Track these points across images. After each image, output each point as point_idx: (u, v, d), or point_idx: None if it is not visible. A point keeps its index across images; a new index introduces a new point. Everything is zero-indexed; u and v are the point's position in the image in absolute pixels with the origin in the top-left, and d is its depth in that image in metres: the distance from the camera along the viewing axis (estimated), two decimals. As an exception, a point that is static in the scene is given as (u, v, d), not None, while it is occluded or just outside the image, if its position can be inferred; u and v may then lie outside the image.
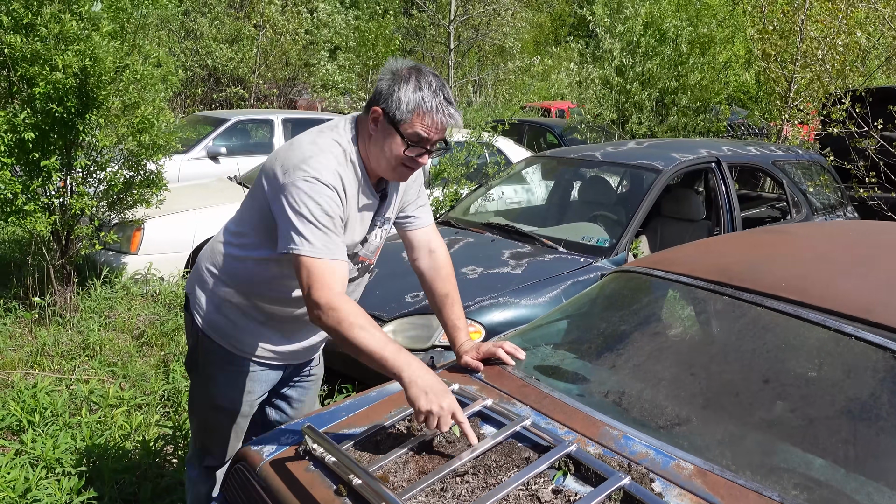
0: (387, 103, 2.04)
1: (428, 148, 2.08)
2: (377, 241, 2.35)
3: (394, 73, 2.06)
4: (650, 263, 2.59)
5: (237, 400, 2.44)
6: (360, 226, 2.21)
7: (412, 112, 2.01)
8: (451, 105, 2.05)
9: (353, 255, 2.24)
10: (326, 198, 2.03)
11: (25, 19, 4.83)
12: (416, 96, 2.01)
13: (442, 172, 6.51)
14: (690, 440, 1.79)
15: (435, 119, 2.03)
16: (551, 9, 33.25)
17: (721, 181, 5.22)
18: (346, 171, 2.10)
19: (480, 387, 2.23)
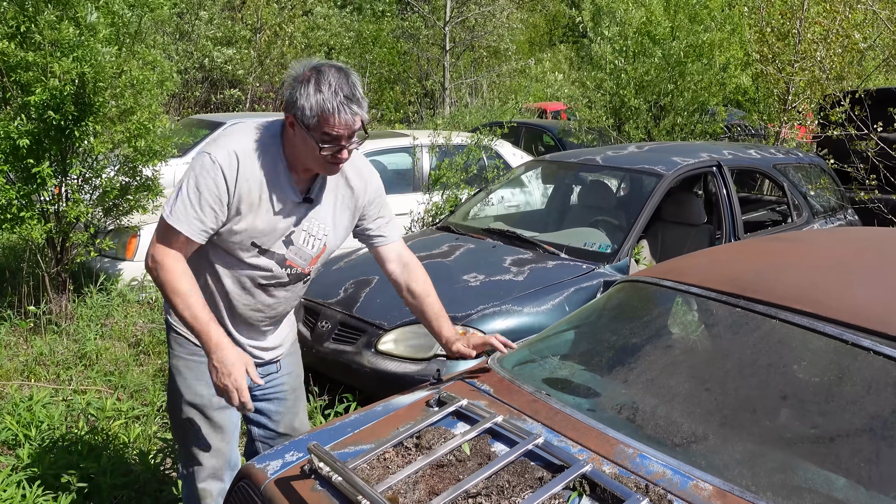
0: (294, 110, 2.07)
1: (343, 144, 2.10)
2: (310, 249, 2.34)
3: (294, 78, 2.08)
4: (659, 273, 2.54)
5: (204, 393, 2.41)
6: (274, 218, 2.22)
7: (316, 116, 2.04)
8: (352, 101, 2.05)
9: (273, 254, 2.27)
10: (205, 173, 2.12)
11: (22, 26, 4.77)
12: (317, 100, 2.03)
13: (441, 177, 6.46)
14: (708, 459, 1.74)
15: (339, 119, 2.04)
16: (546, 10, 33.22)
17: (722, 185, 5.18)
18: (254, 155, 2.16)
19: (489, 402, 2.18)
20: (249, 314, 2.40)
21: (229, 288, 2.32)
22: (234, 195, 2.14)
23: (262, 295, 2.36)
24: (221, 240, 2.23)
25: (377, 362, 3.86)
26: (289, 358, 2.65)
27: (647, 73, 9.17)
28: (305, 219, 2.29)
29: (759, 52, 8.23)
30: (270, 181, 2.19)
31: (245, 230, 2.20)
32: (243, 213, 2.18)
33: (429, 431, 2.07)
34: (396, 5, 23.45)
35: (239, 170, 2.12)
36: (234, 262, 2.28)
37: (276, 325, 2.52)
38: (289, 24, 16.65)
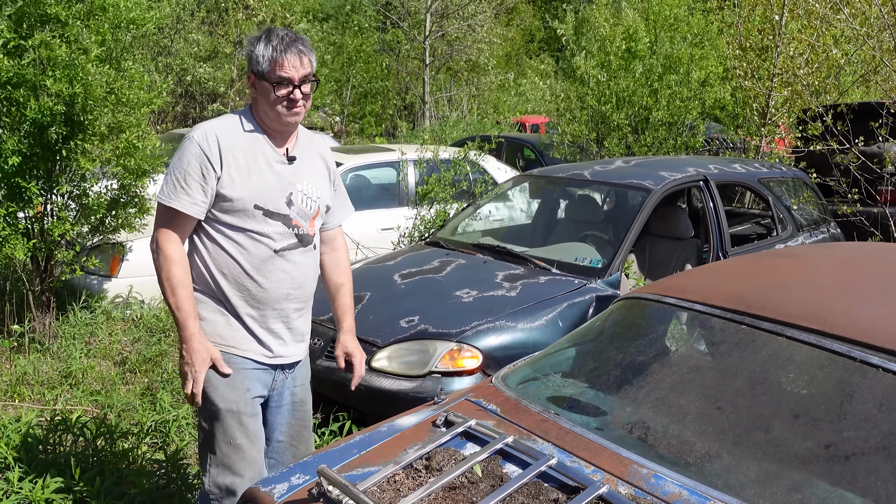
0: (251, 65, 2.38)
1: (296, 84, 2.35)
2: (308, 209, 2.50)
3: (249, 40, 2.42)
4: (661, 290, 2.55)
5: (239, 399, 2.46)
6: (269, 177, 2.41)
7: (270, 61, 2.33)
8: (298, 41, 2.36)
9: (278, 215, 2.41)
10: (188, 153, 2.34)
11: (13, 42, 4.71)
12: (267, 49, 2.34)
13: (429, 192, 6.45)
14: (724, 479, 1.74)
15: (288, 58, 2.33)
16: (522, 23, 33.47)
17: (710, 199, 5.22)
18: (232, 129, 2.40)
19: (497, 422, 2.17)
20: (279, 290, 2.45)
21: (254, 264, 2.40)
22: (220, 166, 2.34)
23: (285, 263, 2.44)
24: (228, 214, 2.37)
25: (371, 379, 3.83)
26: (302, 369, 2.70)
27: (627, 87, 9.25)
28: (298, 180, 2.48)
29: (739, 67, 8.33)
30: (252, 146, 2.41)
31: (243, 194, 2.36)
32: (236, 179, 2.35)
33: (438, 452, 2.05)
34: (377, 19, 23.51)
35: (219, 143, 2.35)
36: (247, 234, 2.39)
37: (305, 310, 2.59)
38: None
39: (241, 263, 2.40)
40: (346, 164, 7.19)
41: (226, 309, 2.45)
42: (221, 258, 2.41)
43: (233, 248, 2.40)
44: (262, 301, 2.44)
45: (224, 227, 2.40)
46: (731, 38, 8.96)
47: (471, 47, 22.11)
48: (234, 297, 2.43)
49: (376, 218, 7.00)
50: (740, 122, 9.92)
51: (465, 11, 21.82)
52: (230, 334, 2.45)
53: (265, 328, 2.48)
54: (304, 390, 2.73)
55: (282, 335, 2.52)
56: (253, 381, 2.49)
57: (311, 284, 2.57)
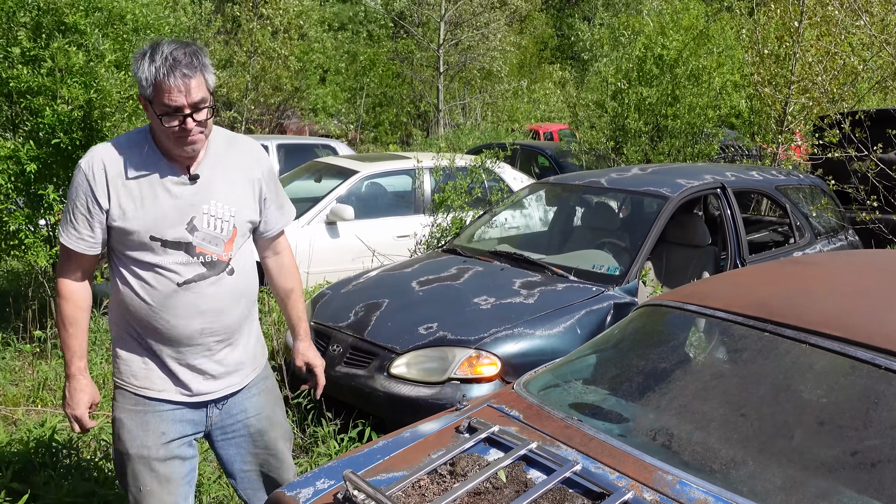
0: (139, 88, 2.10)
1: (186, 113, 2.07)
2: (219, 232, 2.24)
3: (135, 56, 2.09)
4: (682, 297, 2.56)
5: (150, 444, 2.28)
6: (166, 203, 2.16)
7: (152, 86, 2.04)
8: (181, 65, 2.03)
9: (180, 243, 2.18)
10: (75, 183, 2.17)
11: (32, 52, 4.79)
12: (150, 69, 2.03)
13: (446, 200, 6.48)
14: (750, 485, 1.75)
15: (170, 84, 2.03)
16: (535, 32, 33.53)
17: (727, 206, 5.22)
18: (124, 152, 2.17)
19: (520, 428, 2.18)
20: (189, 327, 2.23)
21: (157, 300, 2.18)
22: (107, 199, 2.14)
23: (192, 297, 2.20)
24: (127, 246, 2.17)
25: (390, 386, 3.85)
26: (254, 399, 2.46)
27: (648, 96, 9.25)
28: (203, 200, 2.21)
29: (757, 74, 8.32)
30: (145, 168, 2.17)
31: (139, 226, 2.14)
32: (127, 210, 2.14)
33: (462, 458, 2.06)
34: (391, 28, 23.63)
35: (106, 172, 2.13)
36: (148, 268, 2.18)
37: (229, 342, 2.34)
38: (282, 46, 16.72)
39: (145, 300, 2.18)
40: (362, 172, 7.23)
41: (141, 347, 2.25)
42: (128, 295, 2.20)
43: (137, 283, 2.19)
44: (175, 339, 2.23)
45: (127, 262, 2.20)
46: (749, 45, 8.95)
47: (484, 55, 22.17)
48: (146, 336, 2.24)
49: (392, 226, 7.03)
50: (756, 130, 9.89)
51: (479, 20, 21.90)
52: (144, 374, 2.26)
53: (185, 365, 2.27)
54: (263, 420, 2.48)
55: (207, 370, 2.31)
56: (170, 424, 2.29)
57: (231, 315, 2.30)
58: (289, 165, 9.74)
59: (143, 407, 2.27)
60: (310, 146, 10.70)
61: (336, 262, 6.52)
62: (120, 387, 2.29)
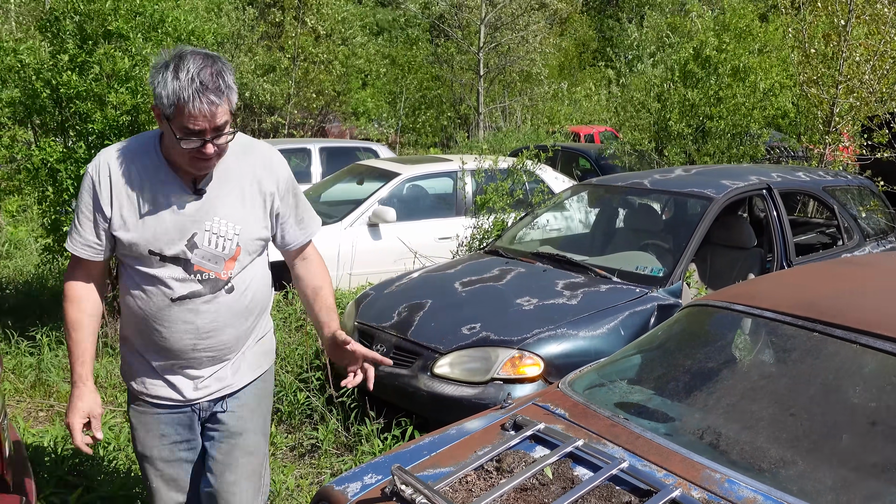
0: (156, 101, 1.95)
1: (206, 138, 1.95)
2: (220, 251, 2.13)
3: (156, 66, 1.95)
4: (729, 297, 2.54)
5: (155, 445, 2.29)
6: (167, 217, 2.07)
7: (173, 105, 1.91)
8: (208, 90, 1.90)
9: (179, 259, 2.10)
10: (83, 186, 2.09)
11: (80, 58, 4.93)
12: (173, 87, 1.89)
13: (487, 202, 6.50)
14: (800, 485, 1.74)
15: (193, 109, 1.89)
16: (576, 34, 33.39)
17: (773, 208, 5.15)
18: (131, 158, 2.07)
19: (566, 426, 2.20)
20: (181, 342, 2.17)
21: (152, 311, 2.13)
22: (112, 202, 2.05)
23: (186, 313, 2.13)
24: (128, 255, 2.11)
25: (433, 386, 3.88)
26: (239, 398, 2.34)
27: (692, 97, 9.14)
28: (206, 217, 2.11)
29: (803, 73, 8.18)
30: (149, 179, 2.07)
31: (138, 238, 2.07)
32: (128, 221, 2.06)
33: (508, 455, 2.08)
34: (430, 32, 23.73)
35: (111, 175, 2.05)
36: (145, 278, 2.12)
37: (224, 359, 2.26)
38: (326, 52, 16.90)
39: (142, 309, 2.14)
40: (404, 174, 7.29)
41: (138, 351, 2.23)
42: (129, 301, 2.17)
43: (137, 292, 2.14)
44: (167, 350, 2.18)
45: (130, 270, 2.15)
46: (796, 45, 8.81)
47: (524, 58, 22.14)
48: (142, 342, 2.20)
49: (433, 227, 7.07)
50: (802, 130, 9.72)
51: (519, 23, 21.88)
52: (141, 377, 2.24)
53: (176, 372, 2.23)
54: (235, 418, 2.32)
55: (198, 377, 2.25)
56: (167, 426, 2.28)
57: (226, 333, 2.21)
58: (330, 169, 9.85)
59: (143, 409, 2.27)
60: (351, 149, 10.80)
61: (378, 263, 6.58)
62: (128, 388, 2.32)
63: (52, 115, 5.27)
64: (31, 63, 4.98)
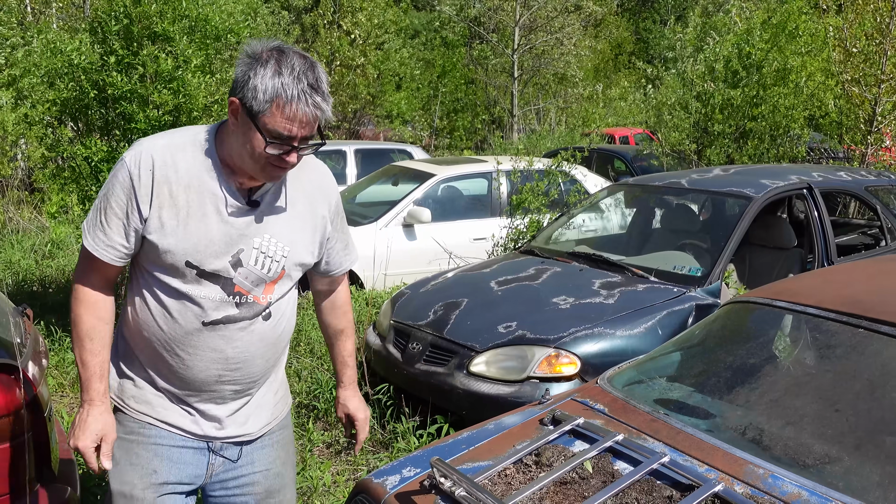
0: (243, 92, 1.71)
1: (294, 145, 1.74)
2: (264, 272, 1.88)
3: (251, 56, 1.72)
4: (771, 294, 2.51)
5: (135, 483, 1.90)
6: (214, 227, 1.81)
7: (270, 102, 1.68)
8: (317, 92, 1.70)
9: (219, 276, 1.83)
10: (116, 178, 1.78)
11: (126, 59, 5.03)
12: (275, 83, 1.68)
13: (523, 202, 6.49)
14: (846, 481, 1.71)
15: (297, 110, 1.69)
16: (611, 35, 33.20)
17: (814, 208, 5.07)
18: (180, 153, 1.80)
19: (605, 421, 2.19)
20: (205, 371, 1.89)
21: (176, 334, 1.85)
22: (149, 205, 1.77)
23: (216, 339, 1.87)
24: (155, 264, 1.82)
25: (469, 384, 3.88)
26: (266, 450, 2.06)
27: (733, 97, 9.03)
28: (256, 233, 1.86)
29: (845, 73, 8.05)
30: (201, 181, 1.80)
31: (175, 245, 1.79)
32: (167, 224, 1.78)
33: (547, 449, 2.08)
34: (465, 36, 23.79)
35: (154, 169, 1.76)
36: (173, 294, 1.83)
37: (247, 393, 1.98)
38: (360, 55, 17.03)
39: (163, 330, 1.84)
40: (439, 175, 7.32)
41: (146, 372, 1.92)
42: (145, 318, 1.86)
43: (157, 308, 1.84)
44: (187, 380, 1.90)
45: (151, 281, 1.84)
46: (837, 43, 8.67)
47: (558, 60, 22.09)
48: (155, 367, 1.90)
49: (468, 228, 7.09)
50: (844, 131, 9.56)
51: (553, 25, 21.84)
52: (144, 397, 1.92)
53: (191, 407, 1.93)
54: (272, 478, 2.06)
55: (216, 416, 1.95)
56: (164, 462, 1.91)
57: (257, 364, 1.95)
58: (365, 170, 9.93)
59: (135, 436, 1.91)
60: (386, 151, 10.86)
61: (413, 264, 6.61)
62: (116, 407, 1.94)
63: (98, 115, 5.39)
64: (81, 63, 5.10)
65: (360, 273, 6.52)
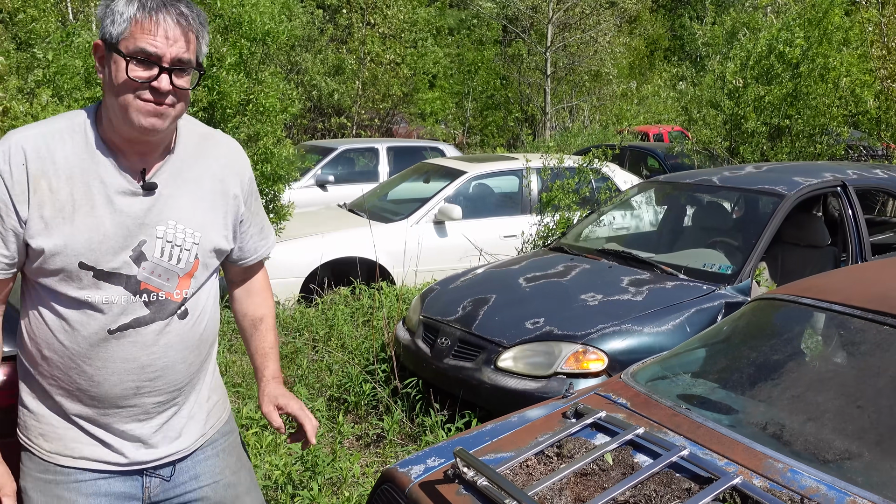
0: (103, 28, 1.52)
1: (163, 66, 1.51)
2: (175, 264, 1.66)
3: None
4: (797, 291, 2.51)
5: None
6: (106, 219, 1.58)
7: (129, 21, 1.49)
8: (179, 3, 1.53)
9: (120, 275, 1.60)
10: None
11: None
12: (131, 3, 1.50)
13: (553, 199, 6.50)
14: (866, 476, 1.71)
15: (159, 20, 1.49)
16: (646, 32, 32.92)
17: (848, 206, 5.01)
18: (56, 142, 1.56)
19: (627, 415, 2.21)
20: (120, 385, 1.65)
21: (79, 348, 1.62)
22: (28, 199, 1.54)
23: (127, 347, 1.64)
24: (44, 272, 1.59)
25: (497, 379, 3.92)
26: (211, 461, 1.85)
27: (767, 94, 8.92)
28: (157, 220, 1.63)
29: (884, 69, 7.91)
30: (84, 169, 1.57)
31: (64, 247, 1.55)
32: (51, 223, 1.55)
33: (569, 441, 2.11)
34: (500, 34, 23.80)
35: (28, 163, 1.53)
36: (69, 303, 1.60)
37: (173, 403, 1.75)
38: (392, 53, 17.12)
39: (64, 344, 1.61)
40: (470, 173, 7.35)
41: (54, 402, 1.68)
42: (42, 334, 1.63)
43: (54, 321, 1.61)
44: (100, 398, 1.65)
45: (43, 291, 1.61)
46: (876, 39, 8.53)
47: (592, 58, 21.98)
48: (62, 390, 1.65)
49: (499, 225, 7.11)
50: (883, 128, 9.39)
51: (587, 23, 21.73)
52: (56, 435, 1.68)
53: (112, 431, 1.69)
54: (221, 489, 1.86)
55: (142, 436, 1.71)
56: (91, 498, 1.69)
57: (179, 370, 1.72)
58: (397, 167, 10.01)
59: (52, 475, 1.68)
60: (418, 149, 10.94)
61: (443, 260, 6.66)
62: (25, 447, 1.71)
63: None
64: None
65: (391, 269, 6.59)
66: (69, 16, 13.60)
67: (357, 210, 7.35)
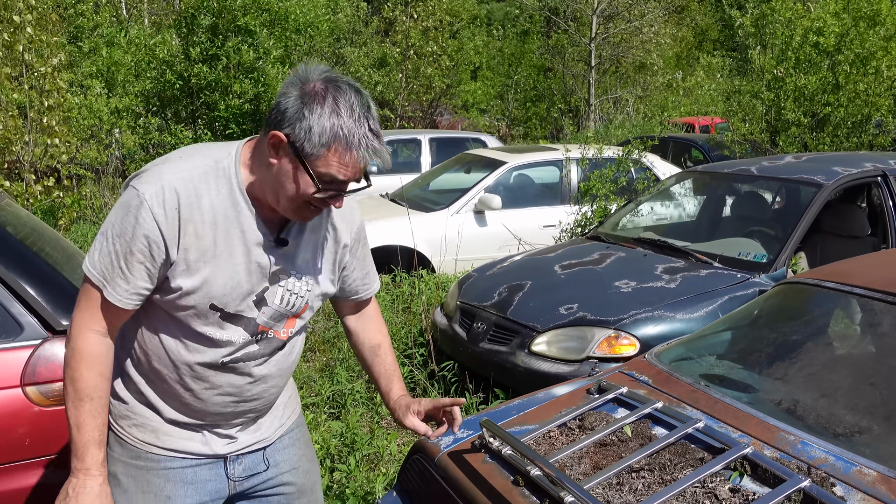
0: (293, 129, 1.51)
1: (345, 190, 1.60)
2: (283, 305, 1.74)
3: (304, 89, 1.53)
4: (821, 276, 2.56)
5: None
6: (241, 268, 1.66)
7: (326, 146, 1.51)
8: (377, 137, 1.54)
9: (241, 318, 1.69)
10: (136, 218, 1.56)
11: (211, 51, 5.36)
12: (334, 124, 1.50)
13: (591, 189, 6.56)
14: (873, 449, 1.78)
15: (355, 156, 1.52)
16: (693, 23, 32.44)
17: (888, 196, 4.98)
18: (202, 188, 1.60)
19: (648, 391, 2.30)
20: (220, 405, 1.77)
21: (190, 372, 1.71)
22: (177, 244, 1.59)
23: (233, 376, 1.75)
24: (173, 304, 1.64)
25: (530, 362, 4.02)
26: (289, 450, 1.97)
27: (808, 84, 8.82)
28: (282, 271, 1.72)
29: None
30: (227, 217, 1.62)
31: (200, 288, 1.62)
32: (194, 266, 1.61)
33: (591, 415, 2.21)
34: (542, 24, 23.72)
35: (181, 208, 1.57)
36: (192, 335, 1.68)
37: (259, 416, 1.88)
38: (432, 44, 17.21)
39: (175, 363, 1.70)
40: (510, 163, 7.44)
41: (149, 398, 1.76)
42: (154, 347, 1.71)
43: (171, 343, 1.69)
44: (197, 410, 1.76)
45: (167, 317, 1.68)
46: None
47: (638, 48, 21.80)
48: (162, 393, 1.75)
49: (538, 215, 7.20)
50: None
51: (632, 13, 21.55)
52: (150, 426, 1.77)
53: (202, 430, 1.80)
54: (301, 475, 1.98)
55: (228, 434, 1.83)
56: (181, 486, 1.78)
57: (270, 392, 1.84)
58: (440, 158, 10.13)
59: (143, 462, 1.77)
60: (460, 140, 11.04)
61: (483, 249, 6.77)
62: (117, 434, 1.78)
63: (183, 106, 5.75)
64: (164, 57, 5.46)
65: (431, 258, 6.72)
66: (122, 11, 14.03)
67: (398, 200, 7.50)
